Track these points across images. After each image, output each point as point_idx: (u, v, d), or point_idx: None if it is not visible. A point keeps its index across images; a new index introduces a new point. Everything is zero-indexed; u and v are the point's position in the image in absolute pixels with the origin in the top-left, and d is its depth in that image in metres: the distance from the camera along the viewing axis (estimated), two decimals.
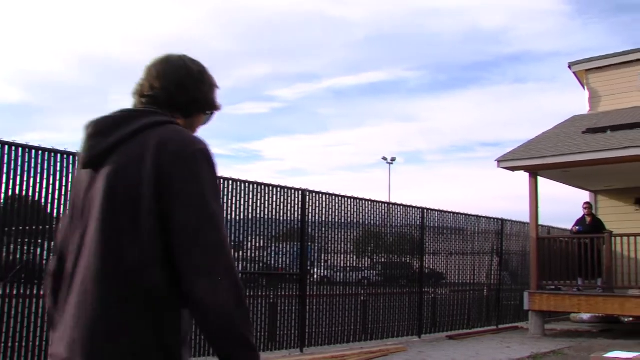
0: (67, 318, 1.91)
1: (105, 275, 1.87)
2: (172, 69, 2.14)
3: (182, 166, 1.90)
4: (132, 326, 1.85)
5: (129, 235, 1.87)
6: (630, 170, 15.14)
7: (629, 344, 11.94)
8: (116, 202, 1.90)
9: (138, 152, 1.92)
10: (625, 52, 18.98)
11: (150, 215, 1.87)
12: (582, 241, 14.89)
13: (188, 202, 1.89)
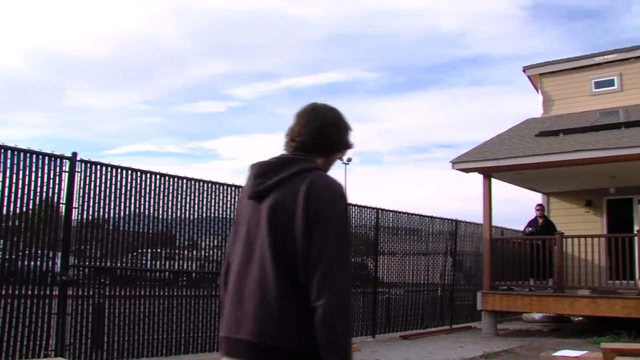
0: (244, 303, 2.60)
1: (282, 273, 2.54)
2: (316, 118, 2.78)
3: (325, 202, 2.55)
4: (297, 307, 2.51)
5: (287, 247, 2.54)
6: (581, 173, 15.45)
7: (578, 343, 12.19)
8: (276, 224, 2.58)
9: (293, 191, 2.58)
10: (577, 58, 19.36)
11: (302, 233, 2.52)
12: (534, 242, 15.14)
13: (324, 227, 2.53)
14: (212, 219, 10.85)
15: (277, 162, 2.72)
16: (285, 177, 2.64)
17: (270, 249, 2.57)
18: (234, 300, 2.67)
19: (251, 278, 2.62)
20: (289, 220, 2.56)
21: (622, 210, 17.59)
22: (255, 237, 2.65)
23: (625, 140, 14.00)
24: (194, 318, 10.24)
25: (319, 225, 2.52)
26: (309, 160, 2.72)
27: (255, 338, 2.54)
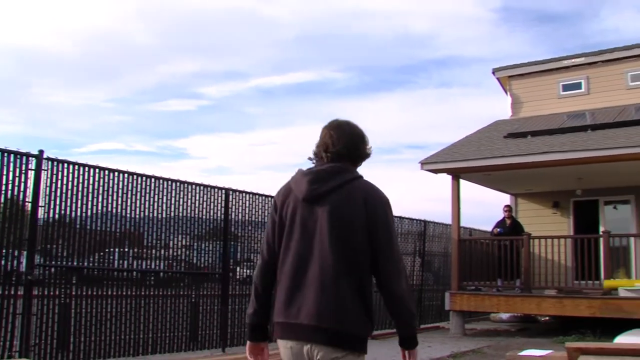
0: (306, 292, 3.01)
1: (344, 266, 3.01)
2: (346, 133, 3.28)
3: (381, 208, 3.12)
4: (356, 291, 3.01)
5: (349, 242, 3.03)
6: (549, 174, 15.60)
7: (545, 342, 12.30)
8: (338, 222, 3.04)
9: (350, 196, 3.09)
10: (546, 61, 19.56)
11: (363, 232, 3.04)
12: (502, 243, 15.27)
13: (384, 228, 3.09)
14: (180, 218, 10.79)
15: (330, 170, 3.18)
16: (339, 184, 3.13)
17: (331, 244, 3.03)
18: (293, 290, 3.08)
19: (312, 268, 3.05)
20: (348, 221, 3.05)
21: (588, 211, 17.80)
22: (313, 234, 3.09)
23: (591, 142, 14.17)
24: (162, 318, 10.18)
25: (380, 225, 3.08)
26: (353, 171, 3.25)
27: (315, 322, 2.96)
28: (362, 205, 3.07)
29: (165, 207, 10.46)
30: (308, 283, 3.03)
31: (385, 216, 3.13)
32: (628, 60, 18.24)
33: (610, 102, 17.72)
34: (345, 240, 3.03)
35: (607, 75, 18.43)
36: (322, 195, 3.10)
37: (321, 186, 3.11)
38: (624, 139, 13.86)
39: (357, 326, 2.99)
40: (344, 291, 2.98)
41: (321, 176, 3.15)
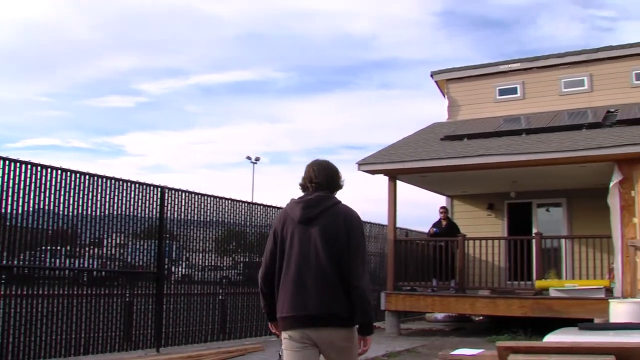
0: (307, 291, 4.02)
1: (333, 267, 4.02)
2: (325, 170, 4.33)
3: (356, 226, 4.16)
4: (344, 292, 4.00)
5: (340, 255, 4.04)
6: (484, 177, 15.86)
7: (478, 342, 12.47)
8: (327, 238, 4.05)
9: (334, 217, 4.12)
10: (483, 65, 19.88)
11: (344, 244, 4.05)
12: (438, 244, 15.47)
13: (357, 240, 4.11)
14: (115, 216, 10.62)
15: (317, 199, 4.21)
16: (326, 207, 4.18)
17: (325, 253, 4.05)
18: (297, 289, 4.06)
19: (311, 273, 4.05)
20: (334, 237, 4.07)
21: (522, 213, 18.16)
22: (309, 246, 4.09)
23: (526, 146, 14.45)
24: (95, 318, 9.99)
25: (354, 239, 4.10)
26: (333, 198, 4.28)
27: (319, 311, 3.99)
28: (343, 225, 4.13)
29: (99, 205, 10.27)
30: (311, 285, 4.05)
31: (358, 231, 4.19)
32: (562, 67, 18.68)
33: (544, 107, 18.12)
34: (334, 252, 4.06)
35: (541, 81, 18.85)
36: (313, 218, 4.14)
37: (312, 211, 4.16)
38: (557, 143, 14.17)
39: (345, 311, 4.02)
40: (337, 290, 4.03)
41: (311, 204, 4.19)
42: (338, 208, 4.21)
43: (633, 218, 13.02)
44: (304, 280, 4.06)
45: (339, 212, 4.18)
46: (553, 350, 4.13)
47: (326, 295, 4.02)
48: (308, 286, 4.05)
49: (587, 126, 15.23)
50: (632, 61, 17.87)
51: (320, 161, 4.43)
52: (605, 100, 17.60)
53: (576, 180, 16.07)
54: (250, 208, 13.64)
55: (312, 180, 4.30)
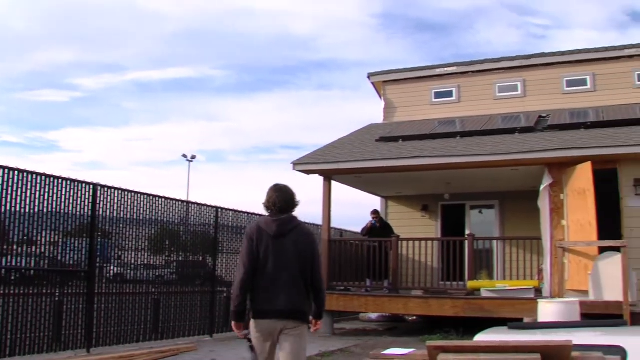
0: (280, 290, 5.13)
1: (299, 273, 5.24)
2: (285, 194, 5.41)
3: (315, 242, 5.54)
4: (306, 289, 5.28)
5: (305, 263, 5.27)
6: (419, 178, 16.02)
7: (411, 341, 12.59)
8: (298, 251, 5.25)
9: (301, 234, 5.36)
10: (420, 68, 20.11)
11: (309, 256, 5.32)
12: (371, 244, 15.56)
13: (316, 253, 5.47)
14: (45, 213, 10.35)
15: (287, 219, 5.37)
16: (295, 226, 5.38)
17: (295, 262, 5.24)
18: (272, 289, 5.17)
19: (284, 278, 5.19)
20: (302, 249, 5.32)
21: (456, 215, 18.42)
22: (282, 257, 5.23)
23: (460, 149, 14.66)
24: (23, 318, 9.68)
25: (315, 252, 5.46)
26: (297, 218, 5.46)
27: (288, 307, 5.15)
28: (307, 241, 5.45)
29: (30, 202, 9.99)
30: (282, 286, 5.18)
31: (317, 245, 5.66)
32: (497, 72, 19.03)
33: (479, 111, 18.42)
34: (301, 262, 5.29)
35: (477, 85, 19.16)
36: (285, 234, 5.30)
37: (285, 228, 5.32)
38: (491, 146, 14.41)
39: (307, 308, 5.34)
40: (302, 292, 5.28)
41: (284, 222, 5.35)
42: (303, 227, 5.50)
43: (562, 220, 13.34)
44: (277, 282, 5.19)
45: (304, 230, 5.50)
46: (482, 350, 4.19)
47: (294, 295, 5.21)
48: (280, 287, 5.18)
49: (520, 130, 15.53)
50: (563, 68, 18.32)
51: (281, 186, 5.51)
52: (538, 106, 18.01)
53: (508, 183, 16.38)
54: (183, 206, 13.50)
55: (275, 204, 5.40)
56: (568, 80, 18.21)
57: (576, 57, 18.27)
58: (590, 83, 18.00)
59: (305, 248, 5.34)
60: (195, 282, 13.88)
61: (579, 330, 5.56)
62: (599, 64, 18.01)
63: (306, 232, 5.51)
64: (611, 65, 17.87)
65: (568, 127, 15.20)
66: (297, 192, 5.52)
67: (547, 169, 13.61)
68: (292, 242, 5.27)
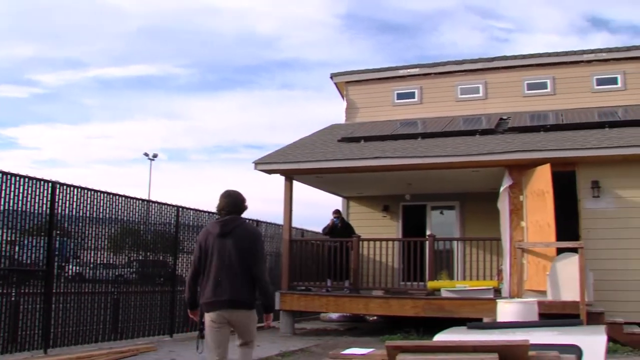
0: (223, 283, 5.80)
1: (242, 267, 5.85)
2: (232, 199, 6.11)
3: (258, 239, 6.11)
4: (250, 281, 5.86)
5: (246, 258, 5.87)
6: (380, 179, 16.06)
7: (371, 341, 12.63)
8: (238, 247, 5.88)
9: (242, 232, 5.97)
10: (383, 69, 20.16)
11: (250, 252, 5.90)
12: (332, 244, 15.57)
13: (258, 250, 6.01)
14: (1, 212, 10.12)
15: (230, 219, 6.03)
16: (236, 225, 6.01)
17: (236, 257, 5.87)
18: (215, 284, 5.85)
19: (226, 272, 5.84)
20: (242, 246, 5.90)
21: (416, 215, 18.52)
22: (224, 253, 5.89)
23: (421, 149, 14.74)
24: None
25: (256, 247, 6.00)
26: (240, 219, 6.14)
27: (232, 297, 5.80)
28: (248, 238, 6.01)
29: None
30: (225, 280, 5.85)
31: (259, 241, 6.17)
32: (459, 74, 19.17)
33: (440, 112, 18.55)
34: (243, 257, 5.90)
35: (439, 87, 19.29)
36: (228, 233, 5.95)
37: (227, 228, 5.98)
38: (452, 148, 14.52)
39: (249, 298, 5.93)
40: (244, 283, 5.87)
41: (226, 223, 6.03)
42: (245, 226, 6.14)
43: (521, 222, 13.49)
44: (221, 276, 5.86)
45: (246, 229, 6.09)
46: (440, 349, 4.20)
47: (235, 286, 5.83)
48: (224, 280, 5.85)
49: (481, 132, 15.68)
50: (524, 71, 18.53)
51: (229, 192, 6.23)
52: (499, 108, 18.19)
53: (469, 185, 16.52)
54: (144, 205, 13.36)
55: (223, 208, 6.13)
56: (529, 83, 18.43)
57: (537, 61, 18.51)
58: (551, 86, 18.24)
59: (246, 245, 5.94)
60: (156, 281, 13.75)
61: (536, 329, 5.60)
62: (559, 68, 18.26)
63: (248, 230, 6.12)
64: (571, 69, 18.13)
65: (528, 130, 15.38)
66: (246, 197, 6.25)
67: (507, 170, 13.75)
68: (234, 240, 5.92)
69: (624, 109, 16.33)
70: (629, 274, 12.75)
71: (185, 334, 13.93)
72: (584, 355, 4.51)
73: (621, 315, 12.18)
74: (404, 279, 16.01)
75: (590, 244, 12.60)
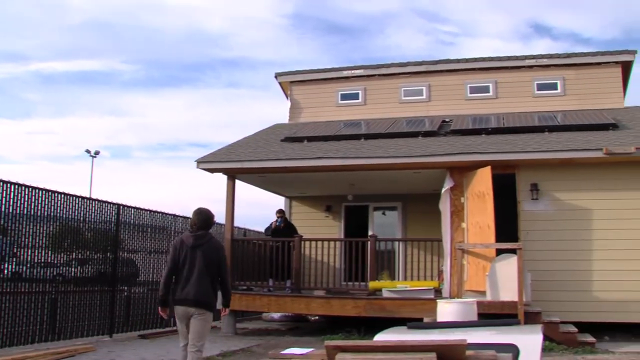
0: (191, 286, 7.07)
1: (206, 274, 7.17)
2: (203, 216, 7.42)
3: (223, 252, 7.54)
4: (211, 286, 7.21)
5: (212, 267, 7.24)
6: (323, 179, 16.09)
7: (312, 341, 12.65)
8: (206, 259, 7.22)
9: (210, 246, 7.31)
10: (327, 69, 20.19)
11: (217, 263, 7.31)
12: (275, 244, 15.52)
13: (223, 260, 7.46)
14: None
15: (201, 234, 7.27)
16: (205, 241, 7.26)
17: (204, 267, 7.11)
18: (184, 286, 7.05)
19: (194, 277, 7.06)
20: (211, 256, 7.21)
21: (359, 216, 18.60)
22: (194, 262, 7.12)
23: (364, 150, 14.80)
24: None
25: (222, 258, 7.37)
26: (209, 234, 7.37)
27: (196, 297, 7.00)
28: (215, 251, 7.31)
29: None
30: (192, 283, 7.09)
31: (223, 253, 7.53)
32: (403, 76, 19.32)
33: (384, 114, 18.67)
34: (208, 266, 7.18)
35: (383, 88, 19.40)
36: (199, 246, 7.23)
37: (198, 242, 7.25)
38: (394, 149, 14.61)
39: (210, 299, 7.18)
40: (206, 285, 7.13)
41: (198, 237, 7.30)
42: (213, 241, 7.48)
43: (462, 223, 13.66)
44: (190, 280, 7.15)
45: (213, 244, 7.41)
46: (379, 349, 4.22)
47: (200, 289, 7.12)
48: (192, 283, 7.13)
49: (424, 134, 15.82)
50: (467, 75, 18.78)
51: (201, 210, 7.52)
52: (442, 110, 18.40)
53: (411, 186, 16.67)
54: (84, 203, 13.10)
55: (196, 224, 7.42)
56: (471, 86, 18.68)
57: (480, 65, 18.77)
58: (493, 90, 18.51)
59: (213, 256, 7.31)
60: (96, 280, 13.50)
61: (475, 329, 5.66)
62: (501, 72, 18.55)
63: (215, 245, 7.46)
64: (513, 74, 18.45)
65: (470, 132, 15.57)
66: (214, 214, 7.63)
67: (449, 172, 13.91)
68: (203, 252, 7.25)
69: (563, 113, 16.68)
70: (566, 275, 13.03)
71: (125, 334, 13.77)
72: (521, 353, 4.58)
73: (557, 315, 12.42)
74: (346, 279, 16.06)
75: (529, 245, 12.84)
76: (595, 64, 18.02)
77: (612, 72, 17.91)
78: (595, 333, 12.34)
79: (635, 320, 12.95)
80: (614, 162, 13.32)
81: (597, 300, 12.92)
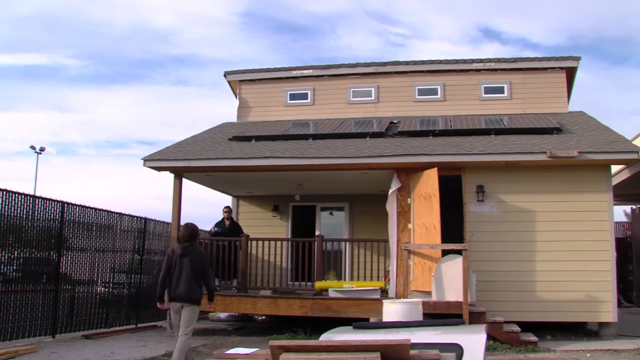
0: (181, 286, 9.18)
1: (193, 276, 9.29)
2: (190, 230, 9.56)
3: (205, 259, 9.68)
4: (197, 285, 9.36)
5: (197, 271, 9.36)
6: (270, 179, 16.04)
7: (259, 341, 12.64)
8: (193, 264, 9.32)
9: (196, 254, 9.44)
10: (276, 69, 20.14)
11: (202, 269, 9.46)
12: (221, 243, 15.44)
13: (207, 266, 9.65)
14: None
15: (188, 245, 9.38)
16: (192, 250, 9.38)
17: (191, 270, 9.24)
18: (177, 285, 9.15)
19: (183, 279, 9.19)
20: (196, 263, 9.32)
21: (306, 215, 18.61)
22: (183, 267, 9.24)
23: (311, 150, 14.81)
24: None
25: (205, 265, 9.52)
26: (195, 244, 9.50)
27: (186, 294, 9.13)
28: (199, 259, 9.36)
29: None
30: (182, 284, 9.12)
31: (206, 260, 9.58)
32: (352, 77, 19.38)
33: (333, 114, 18.72)
34: (194, 270, 9.22)
35: (332, 89, 19.44)
36: (186, 254, 9.26)
37: (186, 251, 9.28)
38: (342, 150, 14.66)
39: (197, 296, 9.21)
40: (193, 285, 9.18)
41: (185, 248, 9.30)
42: (198, 250, 9.46)
43: (408, 224, 13.77)
44: (181, 281, 9.13)
45: (198, 253, 9.40)
46: (323, 349, 4.22)
47: (189, 288, 9.10)
48: (182, 283, 9.11)
49: (372, 135, 15.89)
50: (416, 77, 18.93)
51: (188, 225, 9.61)
52: (390, 112, 18.53)
53: (359, 186, 16.74)
54: (30, 201, 12.81)
55: (184, 236, 9.42)
56: (420, 88, 18.83)
57: (428, 67, 18.93)
58: (441, 93, 18.69)
59: (198, 263, 9.30)
60: (38, 279, 13.21)
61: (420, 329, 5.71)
62: (449, 75, 18.75)
63: (199, 253, 9.50)
64: (460, 77, 18.66)
65: (417, 134, 15.69)
66: (198, 227, 9.70)
67: (396, 173, 14.01)
68: (189, 260, 9.25)
69: (509, 117, 16.92)
70: (510, 275, 13.25)
71: (69, 334, 13.51)
72: (465, 353, 4.63)
73: (501, 315, 12.62)
74: (292, 279, 16.07)
75: (474, 246, 13.01)
76: (541, 69, 18.33)
77: (557, 77, 18.24)
78: (538, 332, 12.57)
79: (576, 319, 13.25)
80: (558, 165, 13.58)
81: (540, 300, 13.16)
